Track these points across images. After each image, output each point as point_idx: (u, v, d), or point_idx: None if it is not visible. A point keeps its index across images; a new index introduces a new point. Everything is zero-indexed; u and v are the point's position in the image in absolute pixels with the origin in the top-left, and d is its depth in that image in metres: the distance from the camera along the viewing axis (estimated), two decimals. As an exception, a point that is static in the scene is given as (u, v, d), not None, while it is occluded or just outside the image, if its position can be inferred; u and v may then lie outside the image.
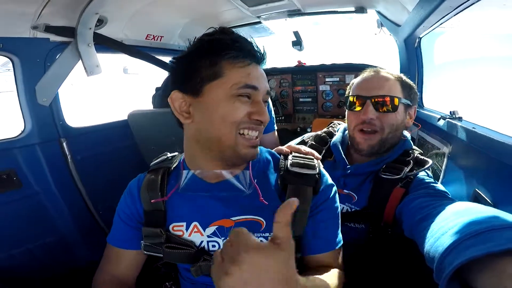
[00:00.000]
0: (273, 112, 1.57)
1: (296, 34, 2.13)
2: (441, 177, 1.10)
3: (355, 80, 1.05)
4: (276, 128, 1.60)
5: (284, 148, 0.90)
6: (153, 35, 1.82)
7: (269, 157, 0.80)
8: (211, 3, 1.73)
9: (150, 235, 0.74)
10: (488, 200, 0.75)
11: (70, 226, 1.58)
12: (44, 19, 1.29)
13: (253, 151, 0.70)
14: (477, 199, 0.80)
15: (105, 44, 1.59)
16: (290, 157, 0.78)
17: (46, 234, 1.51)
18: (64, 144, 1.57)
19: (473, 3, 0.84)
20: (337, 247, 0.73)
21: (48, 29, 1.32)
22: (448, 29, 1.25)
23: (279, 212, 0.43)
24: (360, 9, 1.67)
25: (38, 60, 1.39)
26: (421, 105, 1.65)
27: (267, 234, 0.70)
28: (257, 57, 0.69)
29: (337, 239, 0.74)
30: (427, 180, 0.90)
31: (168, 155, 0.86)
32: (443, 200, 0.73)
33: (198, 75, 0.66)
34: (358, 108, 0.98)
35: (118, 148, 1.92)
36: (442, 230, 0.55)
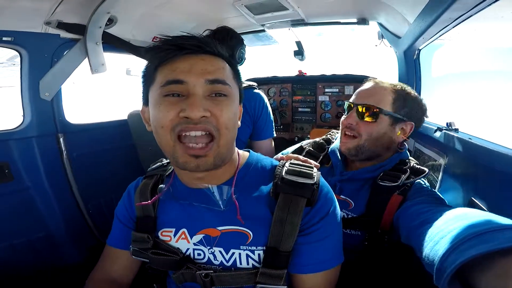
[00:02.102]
0: (271, 116, 1.57)
1: (298, 44, 2.16)
2: (437, 187, 1.11)
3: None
4: (274, 135, 1.60)
5: (280, 155, 0.91)
6: (160, 38, 1.85)
7: (266, 164, 0.75)
8: (218, 9, 1.76)
9: (138, 240, 0.74)
10: (484, 208, 0.76)
11: (57, 223, 1.55)
12: (57, 16, 1.32)
13: (196, 162, 0.60)
14: (473, 207, 0.80)
15: (112, 43, 1.61)
16: (287, 164, 0.73)
17: (32, 230, 1.48)
18: (61, 139, 1.56)
19: (471, 16, 0.86)
20: (333, 267, 0.67)
21: (60, 25, 1.35)
22: (447, 41, 1.29)
23: None
24: (362, 21, 1.71)
25: (46, 55, 1.41)
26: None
27: (253, 248, 0.66)
28: (190, 48, 0.61)
29: (335, 258, 0.68)
30: (425, 188, 0.91)
31: (163, 161, 0.86)
32: (441, 206, 0.74)
33: (145, 85, 0.68)
34: (347, 114, 1.03)
35: (115, 148, 1.90)
36: (442, 234, 0.54)
